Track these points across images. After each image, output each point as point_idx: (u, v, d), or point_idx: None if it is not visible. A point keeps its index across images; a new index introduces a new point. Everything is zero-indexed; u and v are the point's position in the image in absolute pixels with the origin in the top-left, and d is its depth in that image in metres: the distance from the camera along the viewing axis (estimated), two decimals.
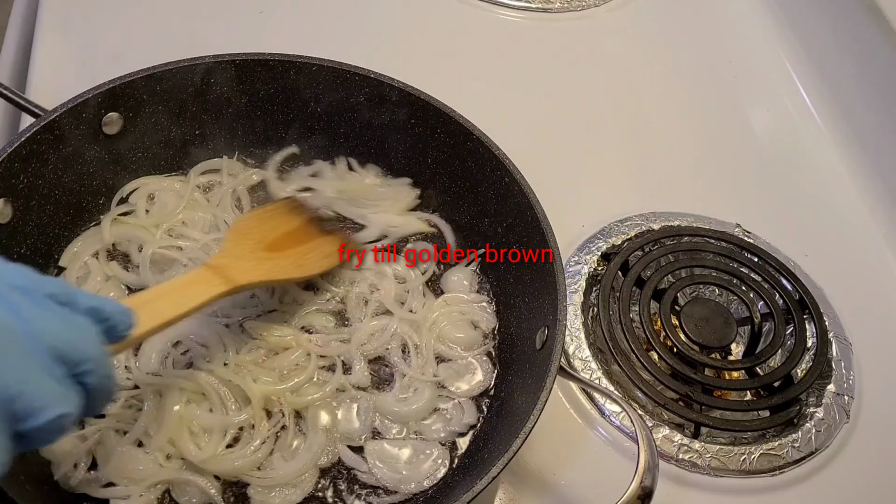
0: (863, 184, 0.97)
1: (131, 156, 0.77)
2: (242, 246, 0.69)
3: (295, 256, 0.72)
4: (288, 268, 0.71)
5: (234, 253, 0.68)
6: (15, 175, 0.67)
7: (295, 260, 0.72)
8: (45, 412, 0.39)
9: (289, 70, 0.79)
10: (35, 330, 0.41)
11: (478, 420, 0.70)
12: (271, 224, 0.74)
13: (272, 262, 0.69)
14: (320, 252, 0.75)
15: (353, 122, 0.82)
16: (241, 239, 0.70)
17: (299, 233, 0.75)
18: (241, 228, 0.72)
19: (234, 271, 0.64)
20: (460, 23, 1.07)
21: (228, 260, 0.66)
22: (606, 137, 0.99)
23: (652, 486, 0.57)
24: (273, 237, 0.72)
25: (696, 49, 1.11)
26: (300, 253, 0.73)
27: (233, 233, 0.71)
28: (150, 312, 0.55)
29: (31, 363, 0.40)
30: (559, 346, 0.61)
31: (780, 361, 0.80)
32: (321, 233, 0.77)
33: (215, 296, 0.61)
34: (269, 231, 0.73)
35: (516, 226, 0.72)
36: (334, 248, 0.76)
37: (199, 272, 0.63)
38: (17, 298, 0.42)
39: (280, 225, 0.75)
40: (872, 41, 0.96)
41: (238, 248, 0.69)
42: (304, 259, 0.73)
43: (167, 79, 0.75)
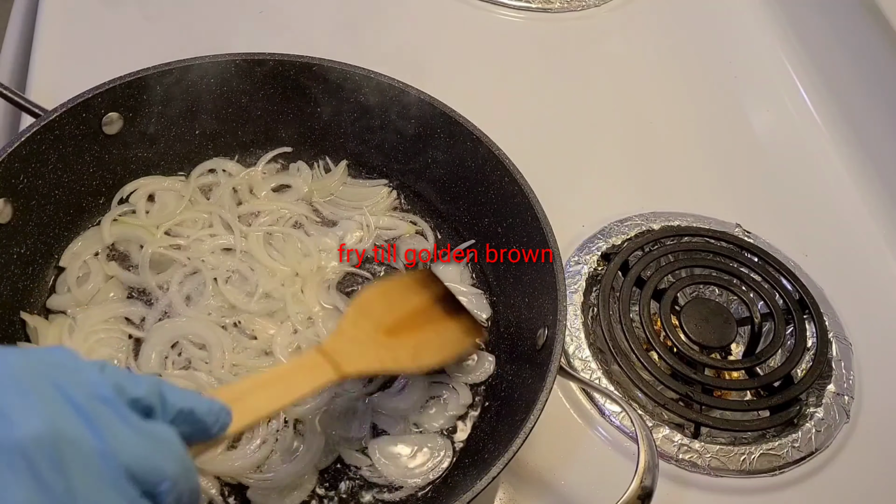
0: (863, 183, 0.97)
1: (131, 156, 0.77)
2: (360, 327, 0.63)
3: (414, 343, 0.65)
4: (403, 357, 0.64)
5: (350, 334, 0.61)
6: (15, 175, 0.67)
7: (413, 347, 0.65)
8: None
9: (289, 70, 0.79)
10: (111, 448, 0.38)
11: (474, 399, 0.70)
12: (396, 300, 0.67)
13: (387, 351, 0.63)
14: (441, 339, 0.67)
15: (352, 122, 0.82)
16: (361, 318, 0.63)
17: (422, 314, 0.68)
18: (363, 304, 0.65)
19: (346, 358, 0.58)
20: (460, 23, 1.07)
21: (342, 343, 0.60)
22: (606, 137, 0.99)
23: (652, 486, 0.57)
24: (394, 317, 0.65)
25: (696, 49, 1.11)
26: (419, 342, 0.66)
27: (353, 309, 0.64)
28: (248, 407, 0.50)
29: (103, 485, 0.37)
30: (559, 346, 0.61)
31: (780, 361, 0.80)
32: (446, 315, 0.69)
33: (319, 387, 0.57)
34: (391, 309, 0.66)
35: (516, 226, 0.72)
36: (458, 334, 0.68)
37: (308, 357, 0.58)
38: (98, 410, 0.39)
39: (404, 303, 0.67)
40: (873, 41, 0.96)
41: (355, 328, 0.62)
42: (423, 347, 0.65)
43: (167, 79, 0.75)
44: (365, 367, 0.60)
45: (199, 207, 0.79)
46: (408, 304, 0.67)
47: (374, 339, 0.63)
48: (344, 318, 0.63)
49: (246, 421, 0.50)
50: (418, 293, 0.69)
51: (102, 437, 0.38)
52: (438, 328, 0.68)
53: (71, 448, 0.37)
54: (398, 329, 0.65)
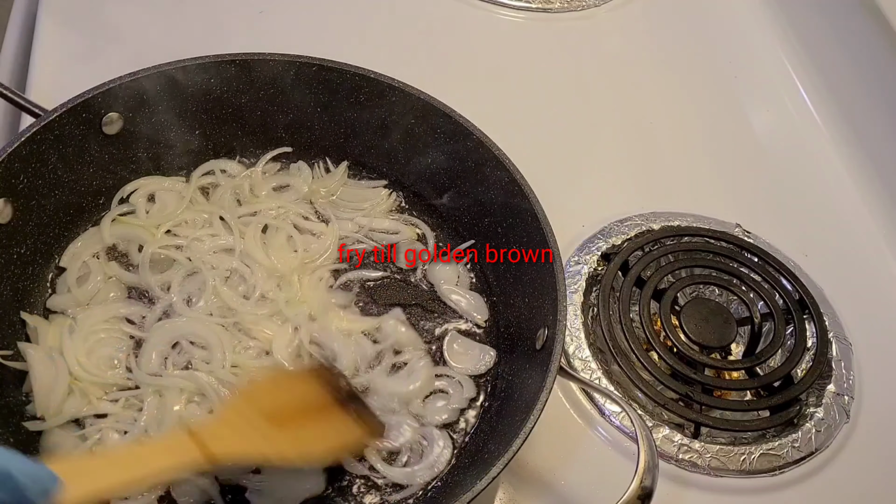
0: (863, 183, 0.97)
1: (131, 156, 0.77)
2: (241, 413, 0.59)
3: (300, 437, 0.61)
4: (286, 449, 0.59)
5: (228, 419, 0.58)
6: (15, 175, 0.67)
7: (298, 442, 0.61)
8: None
9: (289, 70, 0.79)
10: None
11: (478, 394, 0.70)
12: (286, 393, 0.64)
13: (268, 441, 0.59)
14: (331, 435, 0.63)
15: (352, 122, 0.82)
16: (244, 404, 0.60)
17: (317, 408, 0.64)
18: (249, 392, 0.63)
19: (219, 442, 0.54)
20: (460, 23, 1.07)
21: (217, 427, 0.56)
22: (606, 137, 0.99)
23: (652, 486, 0.57)
24: (283, 408, 0.62)
25: (696, 49, 1.11)
26: (308, 434, 0.62)
27: (237, 395, 0.62)
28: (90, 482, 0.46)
29: None
30: (559, 346, 0.61)
31: (780, 361, 0.80)
32: (342, 413, 0.65)
33: (182, 468, 0.53)
34: (281, 400, 0.63)
35: (516, 226, 0.72)
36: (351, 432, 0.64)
37: (172, 439, 0.54)
38: None
39: (298, 394, 0.64)
40: (872, 41, 0.96)
41: (235, 414, 0.58)
42: (310, 442, 0.62)
43: (167, 79, 0.75)
44: (240, 452, 0.56)
45: (199, 207, 0.79)
46: (300, 397, 0.64)
47: (254, 427, 0.59)
48: (224, 403, 0.61)
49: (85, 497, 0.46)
50: (314, 387, 0.65)
51: None
52: (332, 423, 0.64)
53: None
54: (285, 420, 0.61)
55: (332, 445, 0.63)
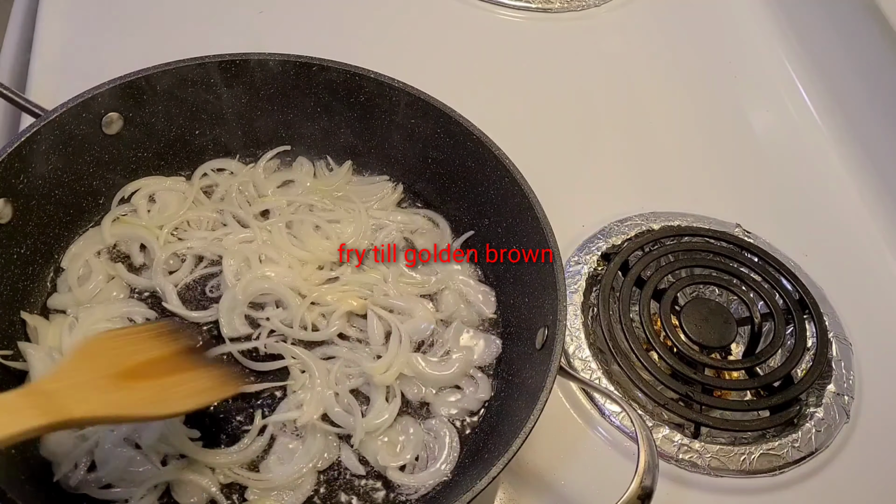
0: (862, 184, 0.97)
1: (131, 156, 0.77)
2: (85, 369, 0.55)
3: (155, 389, 0.58)
4: (143, 402, 0.56)
5: (71, 377, 0.53)
6: (15, 175, 0.67)
7: (155, 393, 0.58)
8: None
9: (289, 70, 0.79)
10: None
11: (491, 394, 0.70)
12: (131, 348, 0.60)
13: (122, 394, 0.55)
14: (191, 387, 0.61)
15: (352, 122, 0.82)
16: (85, 361, 0.56)
17: (168, 362, 0.61)
18: (89, 349, 0.58)
19: (68, 399, 0.50)
20: (460, 23, 1.07)
21: (62, 385, 0.52)
22: (606, 137, 0.99)
23: (652, 486, 0.57)
24: (130, 364, 0.58)
25: (696, 49, 1.11)
26: (163, 386, 0.59)
27: (75, 353, 0.56)
28: None
29: None
30: (559, 346, 0.61)
31: (780, 361, 0.80)
32: (197, 365, 0.64)
33: (25, 430, 0.47)
34: (126, 356, 0.59)
35: (516, 226, 0.72)
36: (211, 383, 0.63)
37: (12, 396, 0.50)
38: None
39: (143, 350, 0.61)
40: (872, 41, 0.96)
41: (78, 371, 0.54)
42: (168, 393, 0.59)
43: (167, 79, 0.75)
44: (94, 410, 0.52)
45: (206, 207, 0.79)
46: (145, 352, 0.61)
47: (102, 383, 0.55)
48: (62, 362, 0.56)
49: None
50: (159, 342, 0.63)
51: None
52: (185, 376, 0.62)
53: None
54: (135, 374, 0.57)
55: (189, 397, 0.60)
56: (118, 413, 0.55)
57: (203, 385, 0.63)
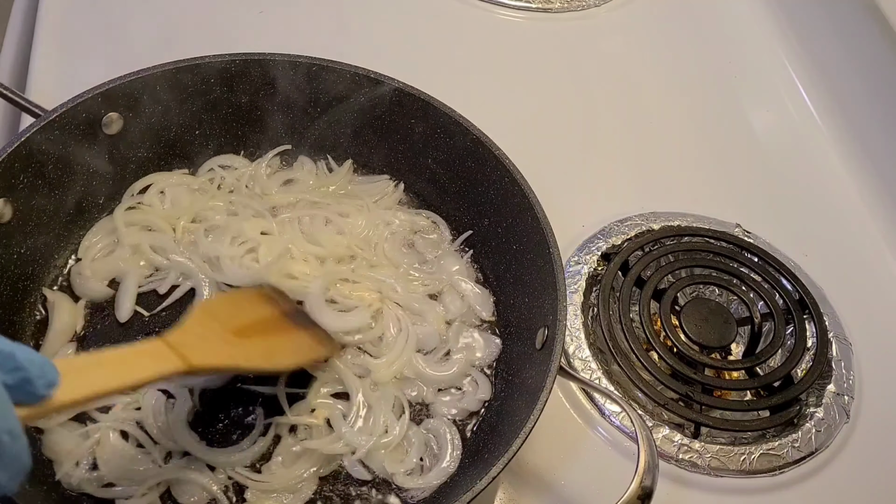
0: (862, 184, 0.97)
1: (131, 156, 0.77)
2: (206, 326, 0.61)
3: (264, 346, 0.65)
4: (254, 356, 0.63)
5: (196, 331, 0.60)
6: (15, 175, 0.67)
7: (264, 349, 0.64)
8: None
9: (289, 70, 0.79)
10: None
11: (491, 394, 0.70)
12: (242, 309, 0.67)
13: (237, 348, 0.61)
14: (294, 345, 0.67)
15: (353, 121, 0.82)
16: (206, 319, 0.62)
17: (272, 323, 0.68)
18: (207, 309, 0.65)
19: (193, 350, 0.56)
20: (460, 23, 1.07)
21: (188, 338, 0.58)
22: (606, 137, 0.99)
23: (652, 486, 0.57)
24: (242, 323, 0.64)
25: (696, 49, 1.11)
26: (271, 343, 0.65)
27: (197, 311, 0.63)
28: (82, 380, 0.46)
29: None
30: (559, 346, 0.61)
31: (780, 361, 0.80)
32: (297, 327, 0.69)
33: (164, 374, 0.53)
34: (238, 316, 0.65)
35: (516, 226, 0.72)
36: (310, 343, 0.68)
37: (152, 345, 0.55)
38: None
39: (252, 312, 0.67)
40: (872, 41, 0.96)
41: (201, 326, 0.60)
42: (275, 350, 0.65)
43: (167, 79, 0.75)
44: (214, 361, 0.59)
45: (218, 198, 0.79)
46: (253, 313, 0.67)
47: (222, 338, 0.61)
48: (188, 318, 0.61)
49: (79, 392, 0.45)
50: (264, 305, 0.69)
51: None
52: (290, 335, 0.67)
53: None
54: (247, 332, 0.63)
55: (294, 354, 0.66)
56: (234, 364, 0.61)
57: (305, 344, 0.68)
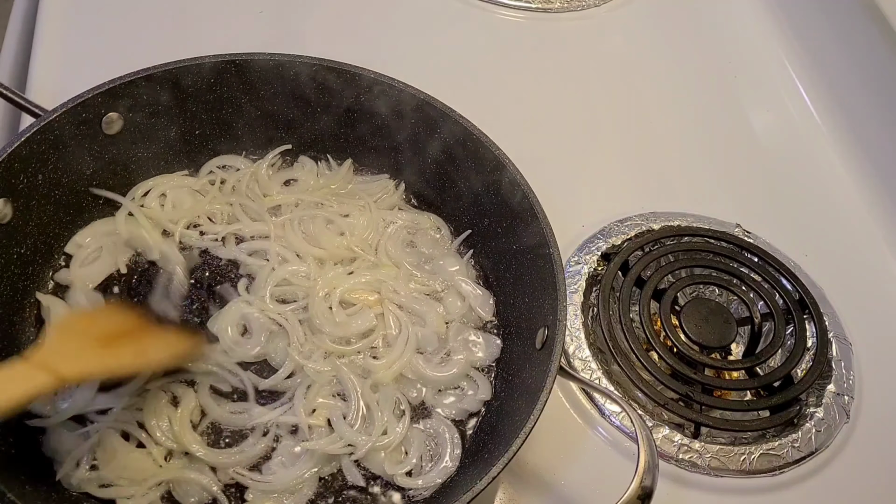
0: (862, 184, 0.97)
1: (131, 156, 0.77)
2: (68, 341, 0.60)
3: (132, 349, 0.64)
4: (124, 359, 0.62)
5: (58, 348, 0.58)
6: (15, 175, 0.67)
7: (133, 352, 0.63)
8: None
9: (290, 70, 0.78)
10: None
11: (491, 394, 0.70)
12: (102, 323, 0.66)
13: (104, 354, 0.61)
14: (163, 343, 0.67)
15: (354, 121, 0.81)
16: (67, 335, 0.61)
17: (136, 330, 0.66)
18: (65, 325, 0.64)
19: (60, 363, 0.55)
20: (460, 22, 1.07)
21: (51, 354, 0.56)
22: (606, 137, 0.98)
23: (652, 486, 0.57)
24: (102, 332, 0.63)
25: (695, 49, 1.10)
26: (137, 346, 0.64)
27: (54, 329, 0.63)
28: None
29: None
30: (559, 346, 0.61)
31: (780, 361, 0.80)
32: (161, 329, 0.69)
33: (35, 392, 0.52)
34: (99, 329, 0.64)
35: (516, 226, 0.72)
36: (179, 340, 0.69)
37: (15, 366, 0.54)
38: None
39: (112, 324, 0.66)
40: (872, 41, 0.96)
41: (62, 343, 0.59)
42: (146, 350, 0.65)
43: (167, 79, 0.74)
44: (84, 369, 0.58)
45: (219, 198, 0.79)
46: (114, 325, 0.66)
47: (86, 347, 0.60)
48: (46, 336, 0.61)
49: None
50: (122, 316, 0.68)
51: None
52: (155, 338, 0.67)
53: None
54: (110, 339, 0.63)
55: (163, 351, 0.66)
56: (103, 368, 0.61)
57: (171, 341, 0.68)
